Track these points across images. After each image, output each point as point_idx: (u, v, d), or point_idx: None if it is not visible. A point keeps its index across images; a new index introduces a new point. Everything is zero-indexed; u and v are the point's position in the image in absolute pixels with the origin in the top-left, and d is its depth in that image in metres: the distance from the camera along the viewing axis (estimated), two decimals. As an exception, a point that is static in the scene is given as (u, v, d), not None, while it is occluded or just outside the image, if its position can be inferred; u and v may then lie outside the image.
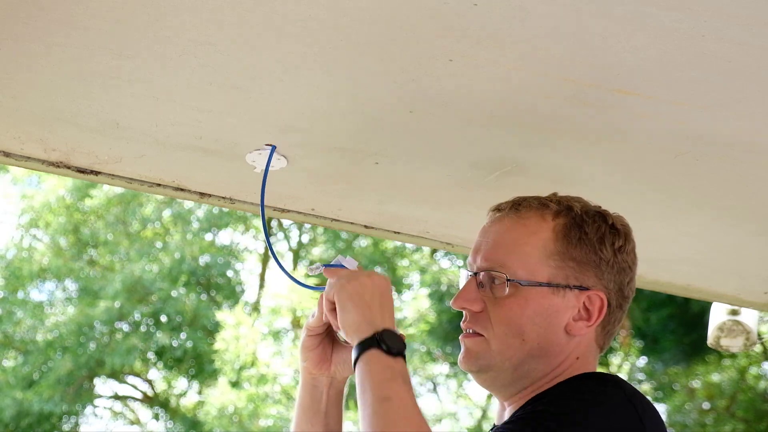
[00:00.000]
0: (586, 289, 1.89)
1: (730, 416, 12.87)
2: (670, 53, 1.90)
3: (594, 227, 1.93)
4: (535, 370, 1.88)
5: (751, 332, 3.87)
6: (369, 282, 1.86)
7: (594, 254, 1.91)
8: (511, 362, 1.88)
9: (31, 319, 14.63)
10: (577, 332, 1.89)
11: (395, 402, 1.70)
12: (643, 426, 1.74)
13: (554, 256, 1.89)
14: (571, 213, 1.93)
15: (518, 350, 1.87)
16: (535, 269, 1.89)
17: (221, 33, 1.91)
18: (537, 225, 1.92)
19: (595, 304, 1.89)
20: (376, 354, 1.76)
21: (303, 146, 2.34)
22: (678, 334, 11.80)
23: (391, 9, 1.81)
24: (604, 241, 1.93)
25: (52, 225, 14.93)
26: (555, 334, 1.88)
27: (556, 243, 1.90)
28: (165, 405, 15.55)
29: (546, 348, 1.88)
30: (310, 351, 2.01)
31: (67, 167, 2.44)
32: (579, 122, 2.19)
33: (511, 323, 1.88)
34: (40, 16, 1.88)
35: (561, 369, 1.88)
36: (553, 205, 1.94)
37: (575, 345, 1.89)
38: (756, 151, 2.28)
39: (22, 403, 13.55)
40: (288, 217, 2.75)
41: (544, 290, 1.88)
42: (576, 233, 1.91)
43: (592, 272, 1.90)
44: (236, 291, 15.72)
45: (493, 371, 1.89)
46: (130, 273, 14.21)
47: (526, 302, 1.87)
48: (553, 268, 1.89)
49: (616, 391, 1.80)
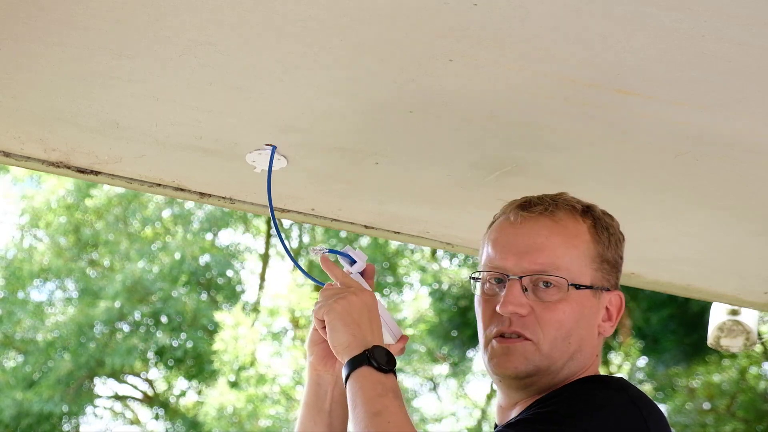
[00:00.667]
0: (609, 290, 1.93)
1: (731, 416, 12.87)
2: (670, 53, 1.90)
3: (614, 228, 1.97)
4: (572, 373, 1.90)
5: (751, 332, 3.87)
6: (357, 300, 1.88)
7: (616, 253, 1.96)
8: (557, 365, 1.88)
9: (31, 319, 14.63)
10: (605, 333, 1.94)
11: (386, 416, 1.71)
12: (647, 428, 1.75)
13: (595, 259, 1.92)
14: (593, 213, 1.96)
15: (564, 353, 1.89)
16: (582, 272, 1.90)
17: (221, 33, 1.91)
18: (575, 228, 1.93)
19: (614, 304, 1.94)
20: (366, 371, 1.78)
21: (303, 146, 2.34)
22: (678, 335, 11.80)
23: (391, 9, 1.81)
24: (620, 239, 1.98)
25: (53, 225, 14.93)
26: (592, 335, 1.92)
27: (596, 246, 1.93)
28: (165, 405, 15.55)
29: (585, 350, 1.91)
30: (316, 345, 2.02)
31: (67, 167, 2.44)
32: (579, 122, 2.19)
33: (562, 327, 1.88)
34: (40, 16, 1.88)
35: (586, 370, 1.91)
36: (577, 205, 1.97)
37: (598, 345, 1.94)
38: (756, 151, 2.28)
39: (22, 403, 13.55)
40: (288, 217, 2.75)
41: (588, 293, 1.90)
42: (605, 235, 1.95)
43: (615, 273, 1.96)
44: (236, 291, 15.72)
45: (538, 375, 1.89)
46: (130, 273, 14.21)
47: (575, 305, 1.89)
48: (594, 271, 1.92)
49: (620, 394, 1.81)
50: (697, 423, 13.07)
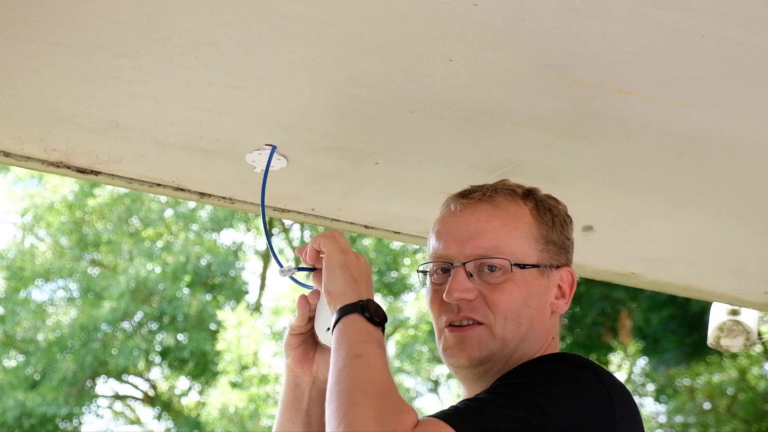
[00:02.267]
0: (560, 267, 1.95)
1: (731, 416, 12.87)
2: (670, 53, 1.90)
3: (558, 209, 2.00)
4: (525, 354, 1.89)
5: (751, 332, 3.87)
6: (359, 262, 1.90)
7: (563, 234, 1.98)
8: (509, 347, 1.89)
9: (33, 320, 14.62)
10: (559, 310, 1.95)
11: (366, 359, 1.73)
12: (611, 401, 1.75)
13: (540, 239, 1.94)
14: (535, 196, 1.99)
15: (516, 334, 1.89)
16: (526, 253, 1.92)
17: (221, 33, 1.91)
18: (516, 210, 1.95)
19: (566, 281, 1.96)
20: (356, 318, 1.79)
21: (303, 146, 2.34)
22: (679, 335, 11.80)
23: (391, 9, 1.81)
24: (566, 221, 2.00)
25: (55, 225, 14.93)
26: (544, 314, 1.93)
27: (539, 227, 1.95)
28: (167, 405, 15.55)
29: (537, 330, 1.91)
30: (292, 349, 2.03)
31: (67, 167, 2.44)
32: (579, 122, 2.19)
33: (511, 307, 1.89)
34: (40, 16, 1.88)
35: (542, 350, 1.91)
36: (517, 189, 1.99)
37: (552, 325, 1.94)
38: (756, 151, 2.28)
39: (24, 404, 13.55)
40: (288, 217, 2.75)
41: (534, 272, 1.91)
42: (549, 215, 1.97)
43: (562, 251, 1.97)
44: (239, 291, 15.72)
45: (493, 360, 1.89)
46: (134, 273, 14.21)
47: (522, 285, 1.90)
48: (539, 251, 1.93)
49: (583, 369, 1.80)
50: (698, 423, 13.07)
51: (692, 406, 13.23)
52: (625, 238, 2.82)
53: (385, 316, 1.83)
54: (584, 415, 1.71)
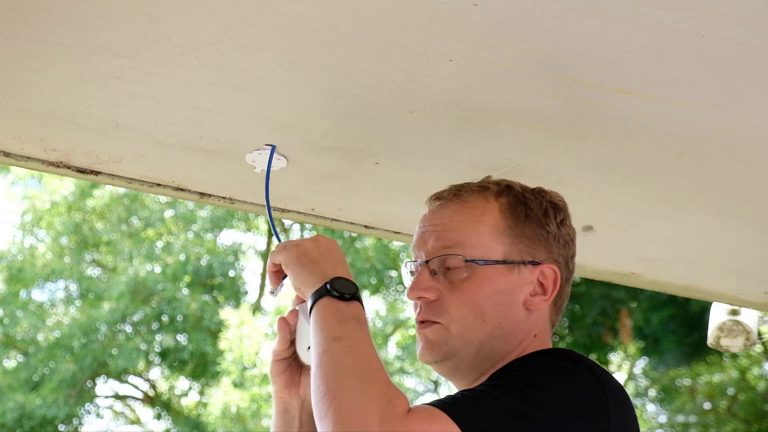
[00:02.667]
0: (539, 264, 1.89)
1: (732, 416, 12.87)
2: (670, 53, 1.90)
3: (537, 203, 1.94)
4: (497, 351, 1.86)
5: (751, 332, 3.87)
6: (313, 244, 1.87)
7: (542, 228, 1.91)
8: (473, 345, 1.86)
9: (33, 320, 14.62)
10: (535, 307, 1.88)
11: (346, 341, 1.69)
12: (606, 398, 1.72)
13: (506, 233, 1.89)
14: (512, 191, 1.94)
15: (479, 331, 1.86)
16: (490, 248, 1.88)
17: (221, 33, 1.91)
18: (483, 206, 1.92)
19: (549, 278, 1.89)
20: (326, 301, 1.76)
21: (303, 146, 2.34)
22: (679, 335, 11.80)
23: (391, 9, 1.81)
24: (548, 214, 1.93)
25: (55, 225, 14.93)
26: (515, 311, 1.87)
27: (505, 220, 1.90)
28: (167, 405, 15.55)
29: (507, 327, 1.87)
30: (278, 376, 2.00)
31: (67, 167, 2.44)
32: (579, 122, 2.19)
33: (471, 305, 1.86)
34: (40, 16, 1.88)
35: (521, 348, 1.87)
36: (492, 186, 1.95)
37: (533, 322, 1.89)
38: (756, 151, 2.28)
39: (24, 406, 13.54)
40: (288, 217, 2.75)
41: (500, 268, 1.87)
42: (522, 209, 1.92)
43: (542, 246, 1.91)
44: (239, 291, 15.72)
45: (456, 357, 1.88)
46: (133, 274, 14.20)
47: (484, 281, 1.86)
48: (507, 245, 1.89)
49: (576, 364, 1.78)
50: (698, 423, 13.07)
51: (692, 406, 13.24)
52: (625, 238, 2.82)
53: (355, 287, 1.79)
54: (579, 410, 1.69)
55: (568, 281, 1.96)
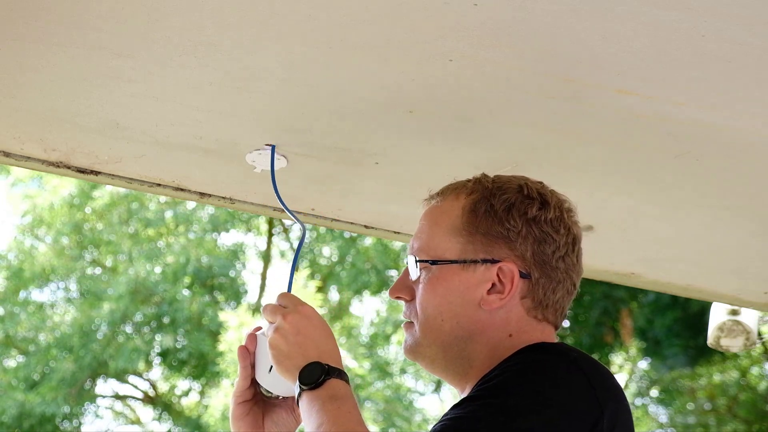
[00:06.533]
0: (497, 262, 1.87)
1: (732, 417, 12.87)
2: (670, 53, 1.90)
3: (502, 199, 1.90)
4: (467, 351, 1.86)
5: (751, 332, 3.87)
6: (281, 339, 1.86)
7: (501, 225, 1.88)
8: (437, 345, 1.87)
9: (33, 320, 14.63)
10: (490, 306, 1.85)
11: (325, 426, 1.71)
12: (592, 387, 1.71)
13: (461, 232, 1.89)
14: (482, 188, 1.92)
15: (440, 332, 1.86)
16: (445, 248, 1.89)
17: (221, 33, 1.91)
18: (449, 205, 1.93)
19: (507, 276, 1.86)
20: (303, 396, 1.78)
21: (303, 146, 2.34)
22: (683, 338, 11.79)
23: (391, 9, 1.82)
24: (511, 211, 1.89)
25: (55, 226, 14.93)
26: (472, 310, 1.86)
27: (462, 219, 1.89)
28: (167, 406, 15.55)
29: (469, 327, 1.86)
30: (240, 420, 1.98)
31: (67, 167, 2.44)
32: (579, 122, 2.19)
33: (428, 305, 1.87)
34: (40, 16, 1.88)
35: (495, 348, 1.84)
36: (470, 184, 1.94)
37: (502, 322, 1.86)
38: (756, 151, 2.28)
39: (24, 404, 13.55)
40: (288, 217, 2.75)
41: (454, 267, 1.87)
42: (482, 207, 1.89)
43: (502, 243, 1.87)
44: (239, 292, 15.72)
45: (427, 357, 1.89)
46: (134, 274, 14.20)
47: (437, 281, 1.87)
48: (462, 244, 1.88)
49: (560, 357, 1.77)
50: (699, 423, 13.07)
51: (693, 406, 13.23)
52: (625, 238, 2.82)
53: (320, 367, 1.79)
54: (564, 406, 1.67)
55: (550, 277, 1.89)
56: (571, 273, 1.92)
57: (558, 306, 1.92)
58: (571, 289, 1.94)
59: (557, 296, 1.91)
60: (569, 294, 1.94)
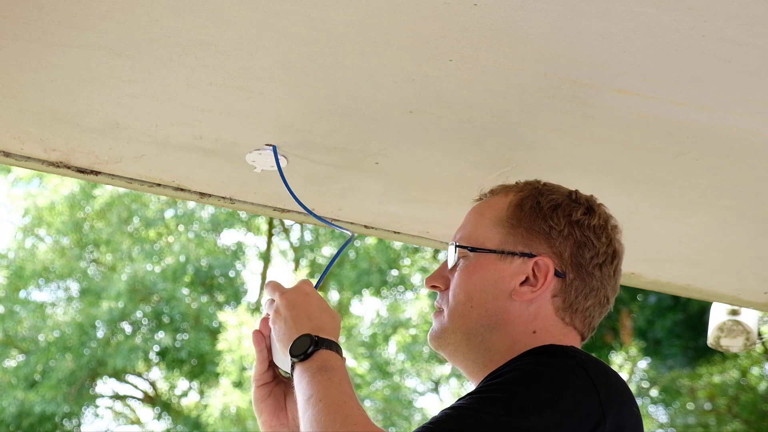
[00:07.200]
0: (534, 256, 1.90)
1: (732, 417, 12.87)
2: (670, 53, 1.90)
3: (549, 198, 1.95)
4: (490, 342, 1.87)
5: (751, 332, 3.87)
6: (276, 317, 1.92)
7: (544, 222, 1.92)
8: (462, 331, 1.89)
9: (33, 319, 14.63)
10: (521, 297, 1.88)
11: (314, 397, 1.72)
12: (596, 391, 1.71)
13: (504, 224, 1.93)
14: (531, 188, 1.98)
15: (467, 318, 1.89)
16: (485, 237, 1.93)
17: (221, 33, 1.91)
18: (497, 200, 1.99)
19: (542, 270, 1.89)
20: (296, 368, 1.80)
21: (303, 146, 2.34)
22: (683, 338, 11.78)
23: (391, 9, 1.81)
24: (556, 210, 1.93)
25: (55, 225, 14.93)
26: (502, 300, 1.88)
27: (508, 212, 1.95)
28: (167, 405, 15.55)
29: (497, 317, 1.88)
30: (263, 402, 2.00)
31: (67, 167, 2.45)
32: (579, 122, 2.19)
33: (460, 290, 1.91)
34: (40, 17, 1.88)
35: (517, 342, 1.86)
36: (520, 184, 2.00)
37: (530, 317, 1.88)
38: (756, 151, 2.28)
39: (23, 403, 13.55)
40: (288, 217, 2.75)
41: (492, 257, 1.91)
42: (529, 203, 1.95)
43: (542, 240, 1.91)
44: (239, 291, 15.73)
45: (451, 345, 1.91)
46: (133, 273, 14.21)
47: (474, 269, 1.91)
48: (503, 235, 1.92)
49: (567, 360, 1.77)
50: (699, 424, 13.07)
51: (693, 406, 13.23)
52: (625, 238, 2.82)
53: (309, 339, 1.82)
54: (566, 409, 1.68)
55: (584, 281, 1.91)
56: (606, 284, 1.94)
57: (587, 314, 1.93)
58: (603, 301, 1.95)
59: (588, 303, 1.92)
60: (601, 306, 1.95)
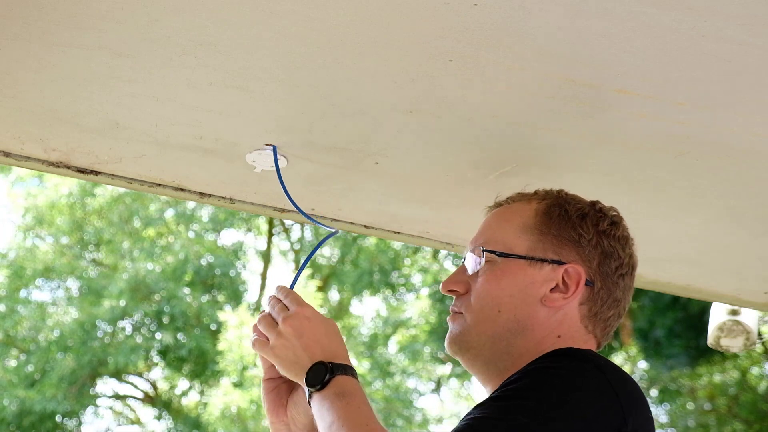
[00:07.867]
0: (564, 263, 1.90)
1: (732, 417, 12.87)
2: (670, 53, 1.90)
3: (576, 207, 1.97)
4: (514, 347, 1.87)
5: (751, 332, 3.87)
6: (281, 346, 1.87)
7: (573, 230, 1.94)
8: (488, 336, 1.88)
9: (33, 319, 14.64)
10: (552, 304, 1.89)
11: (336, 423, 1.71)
12: (617, 397, 1.71)
13: (533, 230, 1.93)
14: (554, 196, 1.99)
15: (494, 323, 1.88)
16: (513, 243, 1.93)
17: (221, 33, 1.91)
18: (520, 207, 1.99)
19: (573, 278, 1.90)
20: (313, 398, 1.79)
21: (303, 146, 2.34)
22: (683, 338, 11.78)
23: (391, 9, 1.82)
24: (585, 219, 1.95)
25: (55, 224, 14.94)
26: (531, 306, 1.89)
27: (536, 219, 1.95)
28: (167, 405, 15.56)
29: (524, 322, 1.88)
30: (265, 396, 2.01)
31: (67, 167, 2.45)
32: (579, 122, 2.19)
33: (487, 295, 1.90)
34: (40, 17, 1.88)
35: (541, 347, 1.86)
36: (540, 192, 2.01)
37: (556, 323, 1.89)
38: (756, 151, 2.28)
39: (24, 402, 13.56)
40: (288, 218, 2.75)
41: (521, 263, 1.90)
42: (557, 211, 1.95)
43: (572, 248, 1.92)
44: (239, 291, 15.73)
45: (473, 349, 1.90)
46: (133, 272, 14.22)
47: (502, 274, 1.90)
48: (532, 242, 1.92)
49: (586, 363, 1.77)
50: (699, 424, 13.07)
51: (693, 406, 13.24)
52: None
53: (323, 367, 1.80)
54: (586, 413, 1.67)
55: (609, 291, 1.93)
56: (627, 295, 1.97)
57: (608, 323, 1.95)
58: (621, 312, 1.97)
59: (610, 312, 1.95)
60: (618, 318, 1.97)
